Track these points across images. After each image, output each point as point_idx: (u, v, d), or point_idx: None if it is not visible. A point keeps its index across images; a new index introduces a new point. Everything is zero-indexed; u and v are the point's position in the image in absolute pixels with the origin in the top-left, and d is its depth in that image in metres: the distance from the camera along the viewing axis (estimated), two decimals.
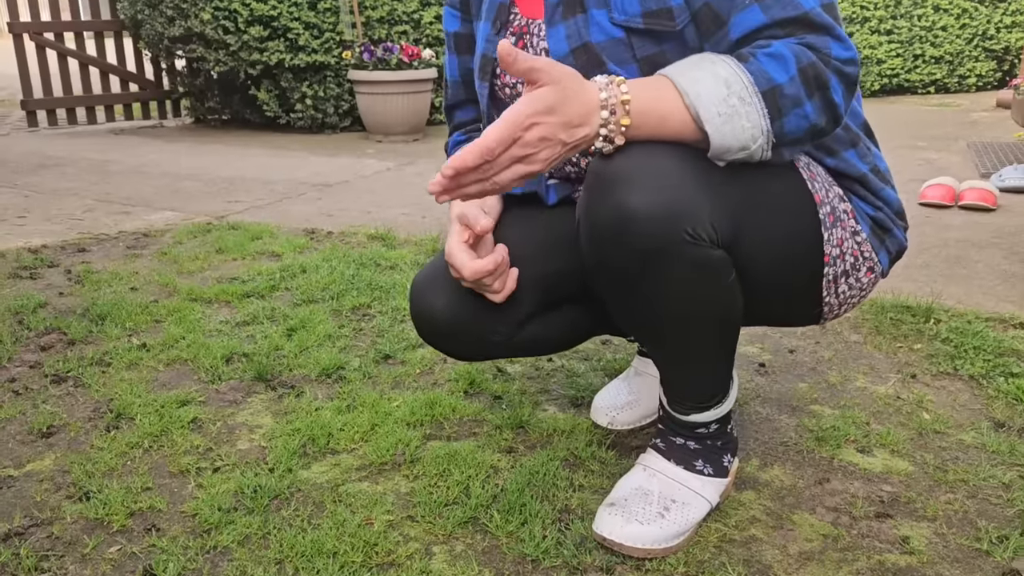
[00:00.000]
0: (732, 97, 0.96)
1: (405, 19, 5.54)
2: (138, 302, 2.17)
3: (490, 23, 1.23)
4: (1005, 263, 2.51)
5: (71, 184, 3.73)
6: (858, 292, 1.23)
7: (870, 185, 1.21)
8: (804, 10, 0.98)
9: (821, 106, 0.99)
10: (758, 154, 1.00)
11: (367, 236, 2.81)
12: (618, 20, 1.07)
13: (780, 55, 0.97)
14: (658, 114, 0.97)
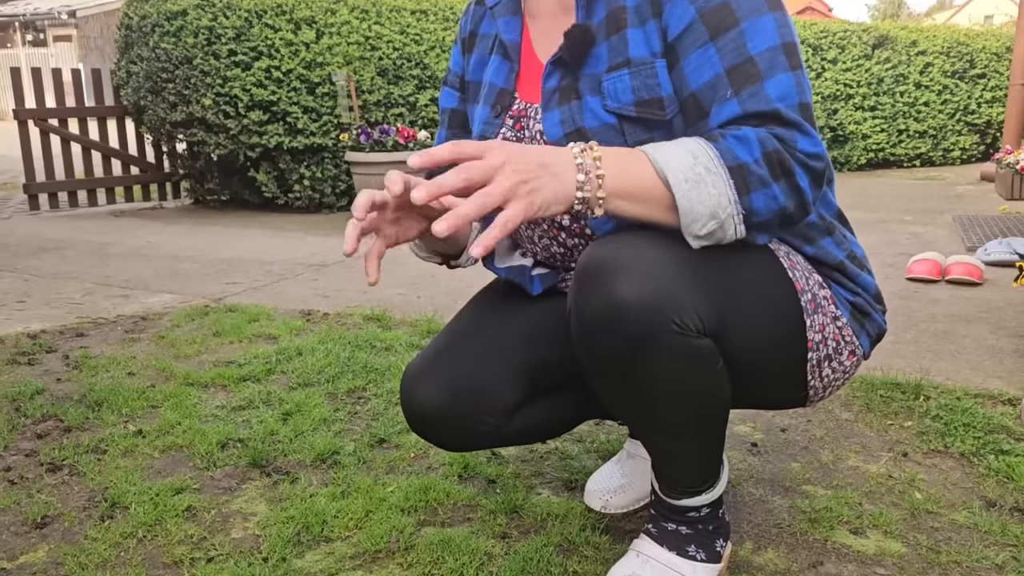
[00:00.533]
0: (698, 166, 1.00)
1: (401, 102, 5.70)
2: (135, 387, 2.19)
3: (489, 107, 1.28)
4: (992, 338, 2.54)
5: (71, 267, 3.78)
6: (842, 375, 1.26)
7: (847, 272, 1.25)
8: (775, 107, 1.04)
9: (789, 190, 1.04)
10: (729, 226, 1.03)
11: (363, 317, 2.84)
12: (611, 107, 1.13)
13: (746, 138, 1.02)
14: (630, 177, 1.00)
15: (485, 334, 1.33)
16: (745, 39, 1.05)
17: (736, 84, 1.05)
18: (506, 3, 1.27)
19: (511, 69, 1.26)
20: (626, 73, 1.11)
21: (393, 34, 5.67)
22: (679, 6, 1.08)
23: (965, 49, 8.54)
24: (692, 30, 1.08)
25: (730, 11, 1.06)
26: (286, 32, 5.27)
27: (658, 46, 1.11)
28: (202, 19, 5.15)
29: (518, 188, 0.93)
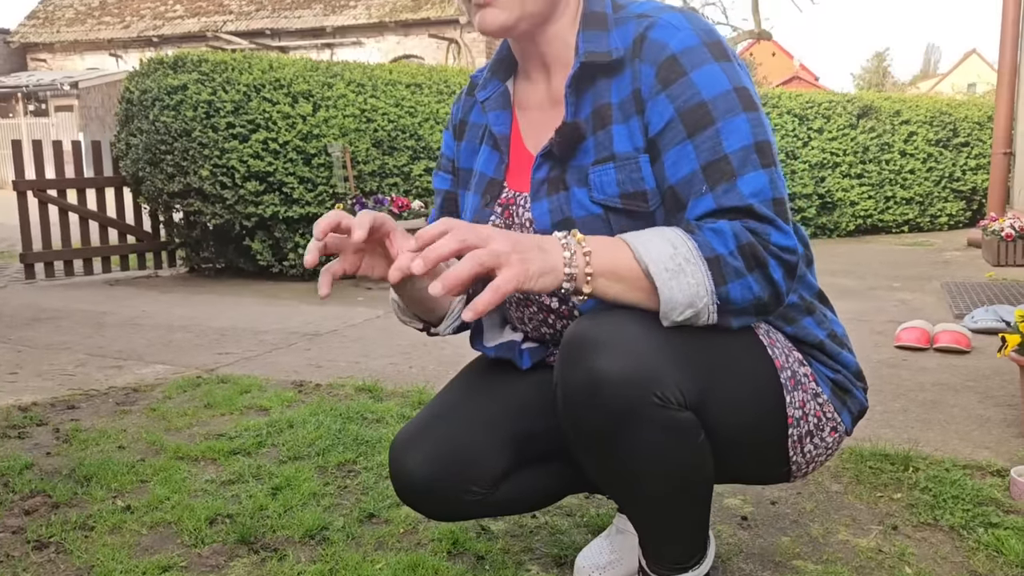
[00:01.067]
0: (678, 257, 1.04)
1: (396, 172, 5.80)
2: (125, 461, 2.18)
3: (479, 196, 1.32)
4: (980, 407, 2.56)
5: (65, 337, 3.79)
6: (824, 451, 1.28)
7: (828, 350, 1.28)
8: (748, 203, 1.08)
9: (763, 281, 1.08)
10: (704, 315, 1.07)
11: (354, 388, 2.85)
12: (597, 199, 1.17)
13: (721, 231, 1.07)
14: (613, 264, 1.04)
15: (473, 404, 1.35)
16: (720, 138, 1.10)
17: (711, 180, 1.10)
18: (496, 97, 1.32)
19: (500, 160, 1.30)
20: (611, 167, 1.16)
21: (388, 107, 5.80)
22: (660, 104, 1.13)
23: (948, 118, 8.75)
24: (671, 127, 1.13)
25: (707, 111, 1.11)
26: (284, 105, 5.39)
27: (641, 142, 1.16)
28: (202, 93, 5.27)
29: (511, 255, 0.98)
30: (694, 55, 1.13)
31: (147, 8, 22.54)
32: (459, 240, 0.97)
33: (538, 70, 1.28)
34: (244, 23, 21.05)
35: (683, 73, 1.13)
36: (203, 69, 5.40)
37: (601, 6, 1.23)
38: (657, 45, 1.15)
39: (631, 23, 1.19)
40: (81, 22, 22.68)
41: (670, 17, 1.18)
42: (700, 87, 1.12)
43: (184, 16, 21.91)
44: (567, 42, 1.24)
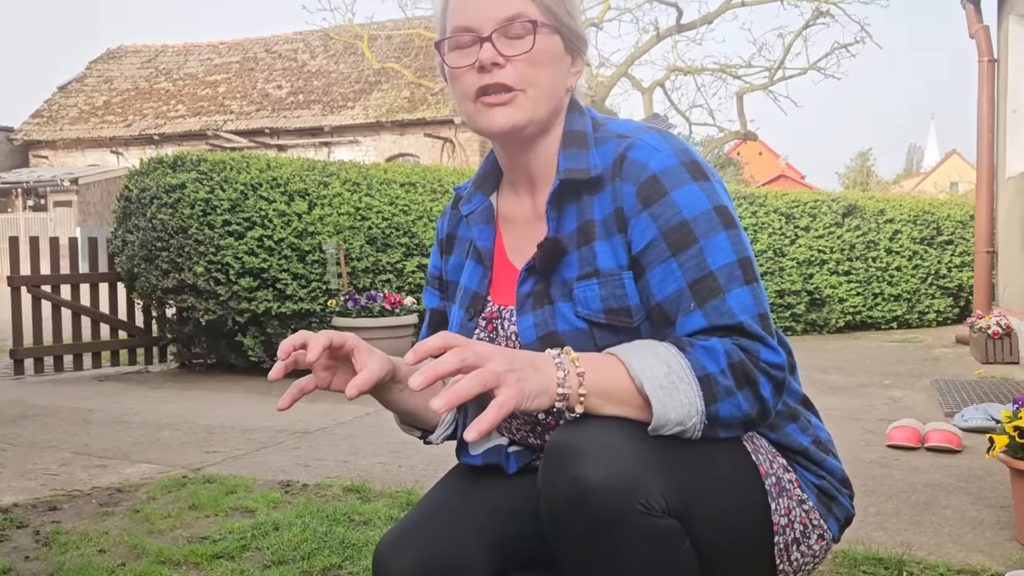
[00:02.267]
0: (672, 375, 1.06)
1: (389, 269, 5.86)
2: (105, 566, 2.13)
3: (463, 310, 1.34)
4: (973, 509, 2.54)
5: (50, 436, 3.75)
6: (811, 559, 1.27)
7: (812, 457, 1.28)
8: (739, 320, 1.11)
9: (752, 399, 1.09)
10: (691, 432, 1.08)
11: (342, 488, 2.81)
12: (582, 314, 1.19)
13: (713, 349, 1.08)
14: (607, 384, 1.05)
15: (459, 508, 1.34)
16: (704, 255, 1.13)
17: (699, 298, 1.12)
18: (480, 212, 1.35)
19: (484, 274, 1.33)
20: (595, 283, 1.19)
21: (383, 205, 5.91)
22: (642, 223, 1.17)
23: (931, 217, 8.94)
24: (655, 246, 1.15)
25: (689, 229, 1.14)
26: (280, 203, 5.49)
27: (624, 259, 1.19)
28: (199, 191, 5.38)
29: (508, 375, 0.99)
30: (673, 175, 1.17)
31: (150, 108, 23.15)
32: (459, 360, 0.99)
33: (524, 184, 1.32)
34: (244, 122, 21.61)
35: (664, 193, 1.16)
36: (202, 168, 5.52)
37: (581, 125, 1.27)
38: (637, 165, 1.19)
39: (611, 143, 1.24)
40: (84, 120, 23.24)
41: (648, 138, 1.22)
42: (681, 206, 1.16)
43: (186, 115, 22.49)
44: (553, 158, 1.28)
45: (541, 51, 1.21)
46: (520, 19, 1.20)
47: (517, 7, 1.20)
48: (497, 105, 1.20)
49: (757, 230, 7.96)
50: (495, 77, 1.20)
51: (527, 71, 1.20)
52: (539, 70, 1.22)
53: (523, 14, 1.20)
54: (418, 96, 20.18)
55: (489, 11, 1.20)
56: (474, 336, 1.31)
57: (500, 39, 1.20)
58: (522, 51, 1.20)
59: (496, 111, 1.21)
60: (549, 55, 1.23)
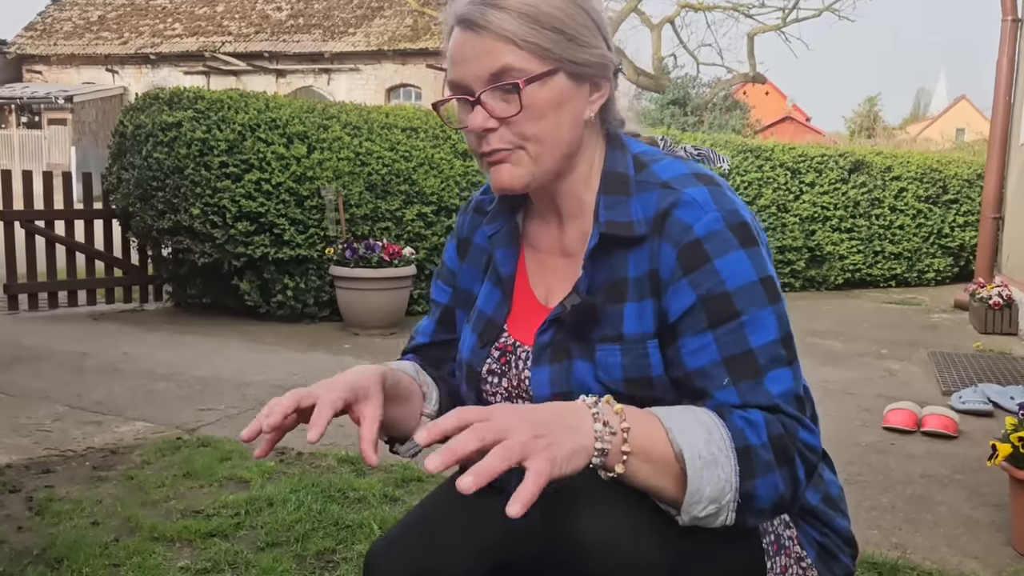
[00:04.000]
0: (712, 444, 0.98)
1: (388, 216, 5.78)
2: (98, 541, 2.13)
3: (476, 336, 1.27)
4: (968, 506, 2.54)
5: (44, 384, 3.73)
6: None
7: (820, 516, 1.23)
8: (775, 401, 1.03)
9: (788, 479, 1.02)
10: (724, 513, 1.00)
11: (337, 459, 2.80)
12: (602, 378, 1.12)
13: (755, 422, 1.01)
14: (649, 444, 0.98)
15: (452, 517, 1.31)
16: (745, 332, 1.05)
17: (735, 374, 1.04)
18: (504, 234, 1.26)
19: (502, 301, 1.24)
20: (618, 349, 1.11)
21: (383, 150, 5.79)
22: (681, 290, 1.07)
23: (938, 175, 8.83)
24: (692, 314, 1.07)
25: (731, 302, 1.05)
26: (278, 146, 5.37)
27: (651, 326, 1.10)
28: (196, 131, 5.25)
29: (536, 442, 0.91)
30: (719, 240, 1.08)
31: (146, 25, 22.60)
32: (479, 439, 0.91)
33: (551, 213, 1.23)
34: (243, 44, 21.13)
35: (707, 259, 1.07)
36: (199, 107, 5.38)
37: (623, 166, 1.17)
38: (681, 226, 1.09)
39: (655, 192, 1.13)
40: (79, 36, 22.70)
41: (695, 193, 1.11)
42: (724, 276, 1.06)
43: (183, 35, 21.98)
44: (580, 198, 1.18)
45: (535, 104, 1.10)
46: (507, 73, 1.09)
47: (504, 59, 1.09)
48: (499, 163, 1.12)
49: (762, 185, 7.86)
50: (490, 143, 1.11)
51: (523, 128, 1.11)
52: (536, 123, 1.11)
53: (509, 68, 1.09)
54: (421, 25, 19.71)
55: (475, 69, 1.10)
56: (485, 365, 1.25)
57: (492, 96, 1.10)
58: (512, 112, 1.10)
59: (500, 169, 1.12)
60: (546, 104, 1.11)
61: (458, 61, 1.12)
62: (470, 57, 1.11)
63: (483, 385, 1.25)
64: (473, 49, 1.11)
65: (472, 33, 1.11)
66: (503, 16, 1.10)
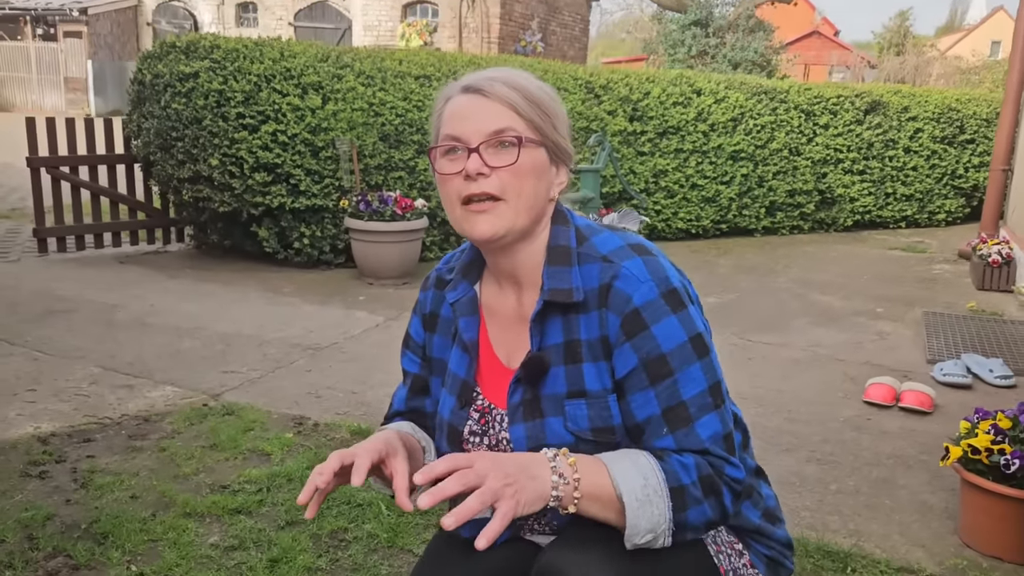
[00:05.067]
0: (648, 488, 1.21)
1: (401, 166, 5.91)
2: (137, 516, 2.40)
3: (455, 398, 1.46)
4: (927, 490, 2.76)
5: (78, 341, 3.99)
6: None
7: (764, 532, 1.46)
8: (705, 446, 1.26)
9: (715, 506, 1.26)
10: (660, 539, 1.25)
11: (350, 431, 3.05)
12: (571, 429, 1.33)
13: (687, 465, 1.24)
14: (597, 490, 1.21)
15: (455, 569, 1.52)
16: (678, 387, 1.27)
17: (671, 424, 1.27)
18: (465, 303, 1.44)
19: (471, 363, 1.44)
20: (583, 403, 1.31)
21: (396, 100, 5.87)
22: (625, 353, 1.29)
23: (955, 115, 8.76)
24: (635, 374, 1.28)
25: (666, 362, 1.27)
26: (293, 97, 5.47)
27: (608, 383, 1.31)
28: (213, 82, 5.35)
29: (505, 489, 1.14)
30: (654, 309, 1.28)
31: None
32: (462, 484, 1.13)
33: (508, 282, 1.41)
34: None
35: (645, 327, 1.28)
36: (215, 56, 5.47)
37: (566, 239, 1.36)
38: (622, 297, 1.29)
39: (596, 265, 1.33)
40: None
41: (631, 266, 1.31)
42: (660, 340, 1.28)
43: None
44: (536, 265, 1.38)
45: (525, 163, 1.29)
46: (507, 133, 1.28)
47: (505, 122, 1.28)
48: (480, 212, 1.30)
49: (775, 128, 7.86)
50: (480, 186, 1.28)
51: (510, 181, 1.29)
52: (522, 181, 1.30)
53: (510, 128, 1.28)
54: None
55: (478, 124, 1.28)
56: (467, 425, 1.45)
57: (487, 150, 1.28)
58: (507, 163, 1.28)
59: (479, 218, 1.30)
60: (532, 167, 1.31)
61: (462, 118, 1.30)
62: (475, 114, 1.30)
63: (465, 445, 1.46)
64: (479, 109, 1.30)
65: (480, 96, 1.30)
66: (506, 89, 1.30)
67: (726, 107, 7.58)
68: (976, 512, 2.39)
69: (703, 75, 7.87)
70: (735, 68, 16.03)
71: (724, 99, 7.60)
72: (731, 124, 7.61)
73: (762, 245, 7.61)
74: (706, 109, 7.49)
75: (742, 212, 7.84)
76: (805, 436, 3.19)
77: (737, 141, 7.62)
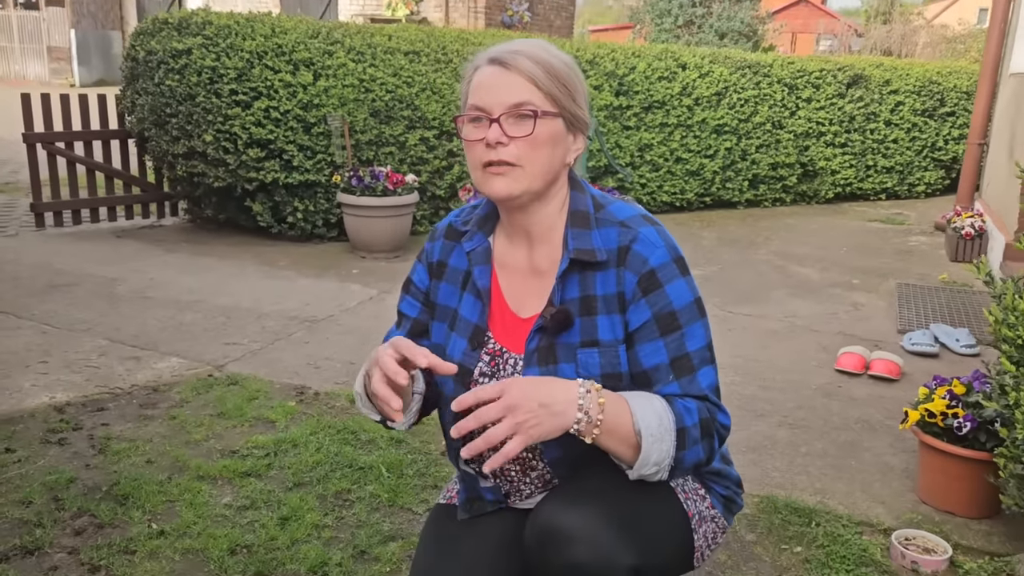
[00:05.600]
0: (661, 427, 1.39)
1: (392, 141, 6.03)
2: (154, 479, 2.57)
3: (466, 340, 1.59)
4: (889, 452, 2.97)
5: (82, 315, 4.12)
6: (715, 546, 1.67)
7: (721, 472, 1.66)
8: (704, 393, 1.45)
9: (707, 448, 1.44)
10: (660, 474, 1.42)
11: (348, 399, 3.22)
12: (583, 374, 1.49)
13: (690, 409, 1.42)
14: (617, 424, 1.36)
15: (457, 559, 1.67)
16: (684, 340, 1.45)
17: (677, 372, 1.45)
18: (480, 252, 1.59)
19: (483, 309, 1.59)
20: (596, 352, 1.48)
21: (386, 76, 5.97)
22: (640, 307, 1.46)
23: (936, 88, 8.92)
24: (647, 326, 1.46)
25: (676, 318, 1.45)
26: (285, 74, 5.57)
27: (620, 334, 1.48)
28: (206, 59, 5.44)
29: (521, 426, 1.30)
30: (667, 271, 1.46)
31: None
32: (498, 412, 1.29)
33: (521, 237, 1.57)
34: None
35: (659, 286, 1.46)
36: (207, 33, 5.55)
37: (585, 205, 1.53)
38: (640, 259, 1.46)
39: (614, 229, 1.49)
40: None
41: (647, 232, 1.48)
42: (672, 298, 1.46)
43: None
44: (552, 225, 1.54)
45: (541, 134, 1.45)
46: (526, 106, 1.43)
47: (525, 95, 1.43)
48: (498, 175, 1.46)
49: (758, 102, 8.00)
50: (499, 154, 1.44)
51: (527, 150, 1.45)
52: (538, 150, 1.46)
53: (529, 102, 1.43)
54: None
55: (501, 97, 1.44)
56: (477, 367, 1.60)
57: (508, 120, 1.44)
58: (524, 133, 1.43)
59: (497, 180, 1.46)
60: (548, 137, 1.46)
61: (486, 88, 1.46)
62: (498, 86, 1.45)
63: (473, 385, 1.59)
64: (502, 81, 1.45)
65: (503, 69, 1.45)
66: (529, 63, 1.45)
67: (710, 81, 7.71)
68: (932, 472, 2.60)
69: (688, 49, 7.98)
70: (721, 38, 16.10)
71: (708, 73, 7.73)
72: (715, 98, 7.75)
73: (745, 217, 7.79)
74: (691, 83, 7.62)
75: (725, 185, 8.00)
76: (779, 402, 3.39)
77: (721, 115, 7.76)
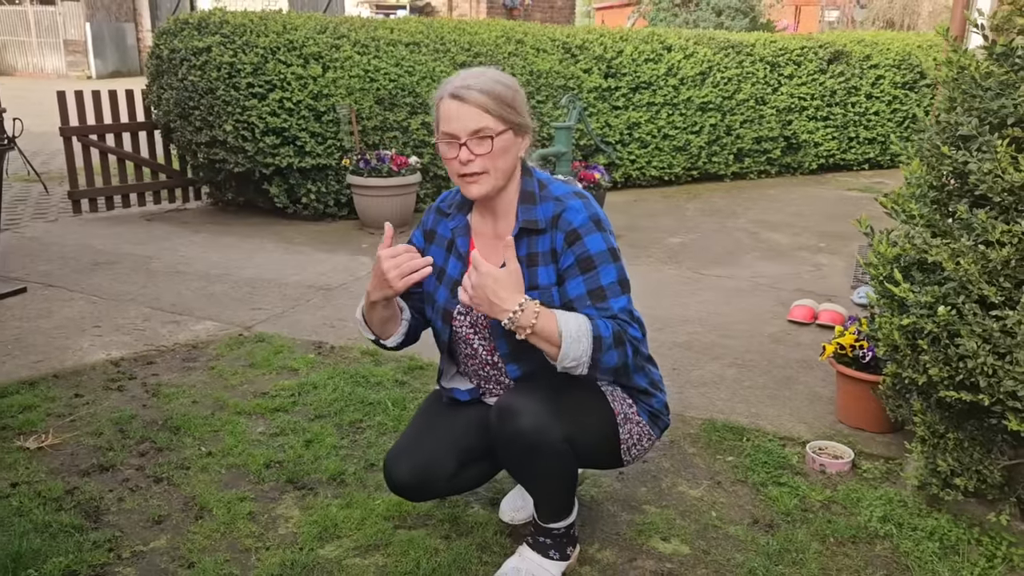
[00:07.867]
0: (580, 332, 1.90)
1: (395, 126, 6.53)
2: (200, 415, 3.11)
3: (448, 290, 2.15)
4: (820, 385, 3.47)
5: (125, 287, 4.67)
6: (643, 450, 2.20)
7: (648, 393, 2.18)
8: (614, 313, 1.96)
9: (621, 355, 1.95)
10: (580, 368, 1.92)
11: (360, 352, 3.75)
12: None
13: (606, 324, 1.93)
14: (547, 329, 1.88)
15: (435, 431, 2.24)
16: (599, 276, 1.98)
17: (592, 299, 1.97)
18: (462, 227, 2.15)
19: (462, 269, 2.13)
20: (536, 293, 2.01)
21: (389, 67, 6.47)
22: (566, 255, 1.99)
23: (915, 61, 9.31)
24: (572, 267, 1.99)
25: (592, 261, 1.98)
26: (296, 67, 6.07)
27: (553, 279, 2.02)
28: (224, 55, 5.95)
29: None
30: (586, 228, 1.99)
31: None
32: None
33: (489, 214, 2.11)
34: None
35: (579, 238, 1.99)
36: (224, 31, 6.05)
37: (532, 187, 2.07)
38: (566, 222, 2.00)
39: (551, 203, 2.03)
40: None
41: (574, 203, 2.02)
42: (588, 246, 1.98)
43: None
44: (510, 203, 2.08)
45: (498, 148, 1.98)
46: (483, 132, 1.95)
47: (481, 123, 1.96)
48: (472, 183, 2.00)
49: (741, 80, 8.43)
50: (469, 168, 1.99)
51: (489, 162, 1.98)
52: (497, 160, 1.99)
53: (484, 127, 1.96)
54: None
55: (463, 125, 1.96)
56: (455, 308, 2.13)
57: (472, 141, 1.97)
58: (485, 151, 1.97)
59: (472, 186, 2.01)
60: (503, 148, 1.99)
61: (450, 119, 1.99)
62: (459, 117, 1.98)
63: (453, 322, 2.16)
64: (462, 112, 1.98)
65: (460, 102, 1.98)
66: (479, 95, 1.98)
67: (694, 62, 8.15)
68: (845, 395, 3.11)
69: (673, 32, 8.41)
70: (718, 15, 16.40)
71: (692, 54, 8.17)
72: (699, 78, 8.19)
73: (730, 189, 8.25)
74: (676, 64, 8.07)
75: (711, 159, 8.46)
76: (732, 348, 3.90)
77: (705, 93, 8.21)
